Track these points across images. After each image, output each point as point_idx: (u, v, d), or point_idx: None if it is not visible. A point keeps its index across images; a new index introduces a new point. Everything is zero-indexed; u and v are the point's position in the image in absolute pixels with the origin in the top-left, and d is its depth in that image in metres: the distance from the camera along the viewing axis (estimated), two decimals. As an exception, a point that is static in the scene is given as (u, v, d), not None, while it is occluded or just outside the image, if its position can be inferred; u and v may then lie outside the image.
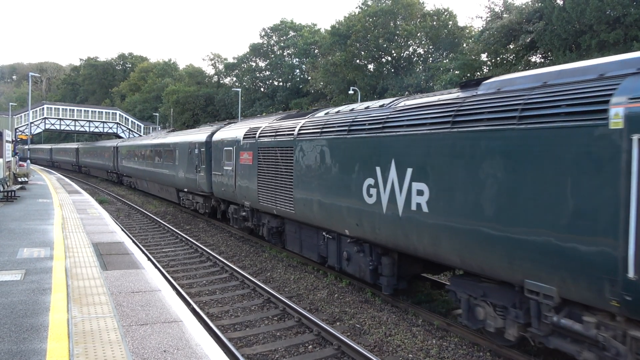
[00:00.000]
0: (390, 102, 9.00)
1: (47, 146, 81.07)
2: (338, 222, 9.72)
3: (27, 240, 10.45)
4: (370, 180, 8.47)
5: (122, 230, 15.29)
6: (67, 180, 35.56)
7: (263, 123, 14.15)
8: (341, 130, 9.47)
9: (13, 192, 18.94)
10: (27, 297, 6.47)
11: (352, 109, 9.96)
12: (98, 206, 18.59)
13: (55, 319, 5.67)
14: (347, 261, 10.02)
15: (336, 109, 10.89)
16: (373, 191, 8.34)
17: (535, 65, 32.10)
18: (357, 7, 52.58)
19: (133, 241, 14.51)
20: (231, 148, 15.40)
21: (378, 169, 8.23)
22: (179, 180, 21.75)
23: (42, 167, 58.06)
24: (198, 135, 19.96)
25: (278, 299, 9.47)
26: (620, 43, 26.10)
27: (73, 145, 61.70)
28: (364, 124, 8.88)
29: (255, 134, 13.61)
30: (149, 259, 12.47)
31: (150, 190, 29.68)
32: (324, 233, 10.67)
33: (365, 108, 9.47)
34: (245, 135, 14.39)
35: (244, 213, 15.01)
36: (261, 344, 7.71)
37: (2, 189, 18.71)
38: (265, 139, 12.90)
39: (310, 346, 7.62)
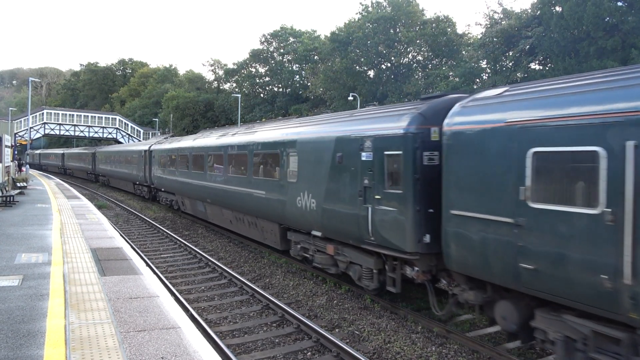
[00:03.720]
0: None
1: (59, 151, 72.84)
2: None
3: (25, 245, 10.41)
4: None
5: (121, 235, 15.24)
6: (66, 185, 35.51)
7: None
8: None
9: (12, 197, 18.90)
10: (25, 302, 6.44)
11: None
12: (97, 211, 18.55)
13: (52, 325, 5.64)
14: None
15: None
16: None
17: (535, 72, 32.19)
18: (357, 14, 52.82)
19: (131, 247, 14.48)
20: (596, 148, 5.33)
21: None
22: (297, 211, 11.53)
23: (41, 173, 57.79)
24: (362, 123, 9.73)
25: (277, 305, 9.43)
26: (619, 50, 26.20)
27: (89, 150, 51.06)
28: None
29: None
30: (148, 264, 12.44)
31: (211, 218, 18.89)
32: None
33: None
34: None
35: None
36: (260, 350, 7.67)
37: (0, 194, 18.67)
38: None
39: (309, 353, 7.58)
